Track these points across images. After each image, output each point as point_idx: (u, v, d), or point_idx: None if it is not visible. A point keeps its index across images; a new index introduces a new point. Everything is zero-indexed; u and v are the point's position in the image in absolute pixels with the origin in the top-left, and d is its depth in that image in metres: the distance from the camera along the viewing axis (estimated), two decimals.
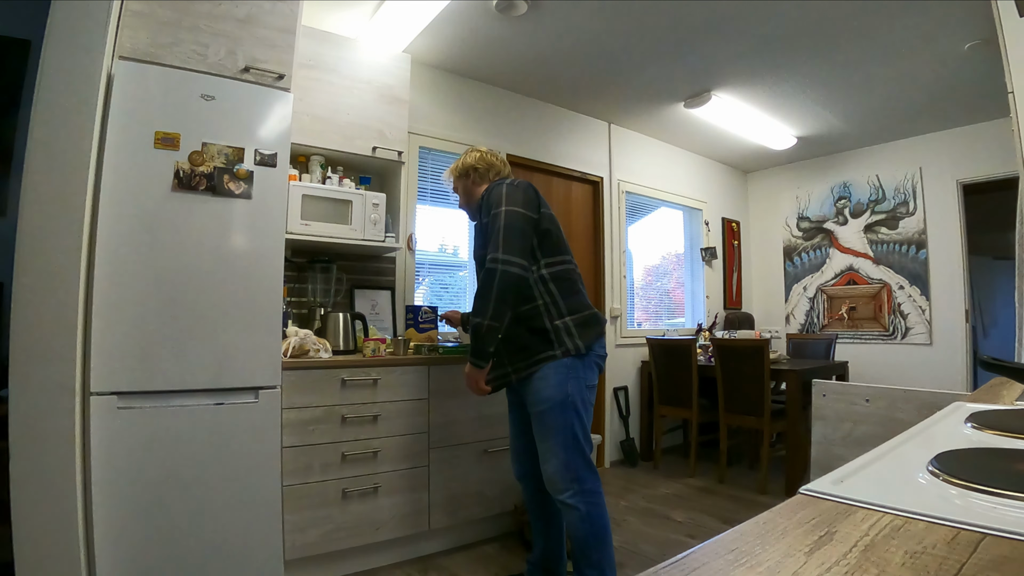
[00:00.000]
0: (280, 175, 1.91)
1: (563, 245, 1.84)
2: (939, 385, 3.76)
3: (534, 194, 1.80)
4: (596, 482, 1.71)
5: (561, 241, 1.83)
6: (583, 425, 1.72)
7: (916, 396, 1.40)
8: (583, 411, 1.72)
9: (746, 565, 0.35)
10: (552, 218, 1.84)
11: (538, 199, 1.81)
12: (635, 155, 4.24)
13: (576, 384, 1.71)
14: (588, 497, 1.68)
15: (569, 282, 1.79)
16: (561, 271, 1.79)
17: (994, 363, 0.86)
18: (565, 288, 1.77)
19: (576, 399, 1.70)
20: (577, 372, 1.71)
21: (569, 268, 1.82)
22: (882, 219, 4.39)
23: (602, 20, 2.67)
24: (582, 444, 1.70)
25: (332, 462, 2.04)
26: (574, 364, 1.71)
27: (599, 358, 1.79)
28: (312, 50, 2.39)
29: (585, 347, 1.72)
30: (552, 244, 1.80)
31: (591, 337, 1.74)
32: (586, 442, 1.72)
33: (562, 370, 1.70)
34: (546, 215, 1.81)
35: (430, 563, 2.24)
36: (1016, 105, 1.85)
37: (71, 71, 1.62)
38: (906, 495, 0.46)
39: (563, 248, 1.83)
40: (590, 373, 1.75)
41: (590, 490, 1.68)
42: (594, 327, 1.77)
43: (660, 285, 4.70)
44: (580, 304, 1.78)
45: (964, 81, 3.25)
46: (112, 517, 1.57)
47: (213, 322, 1.76)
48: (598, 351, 1.78)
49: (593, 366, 1.77)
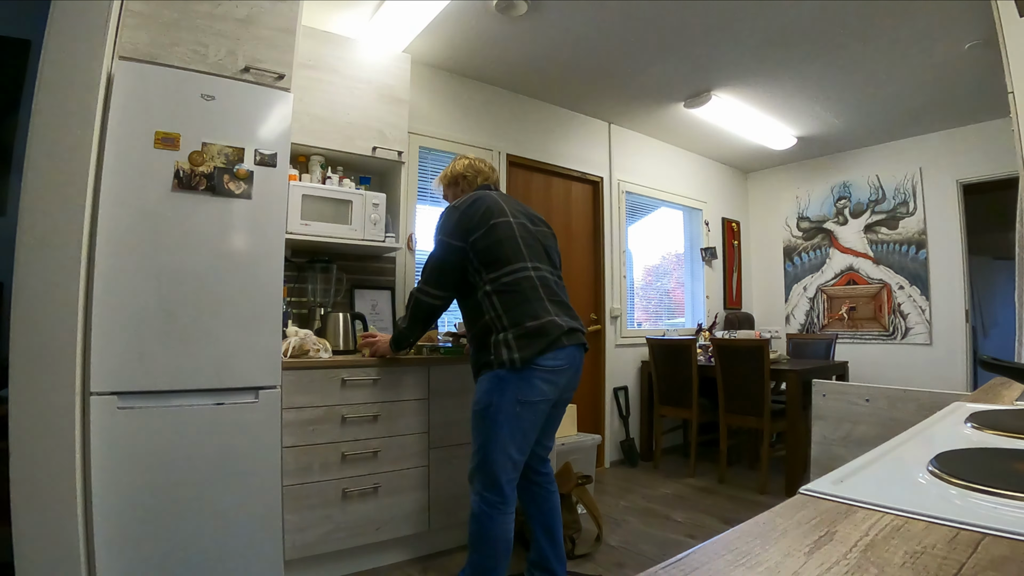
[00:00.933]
0: (280, 175, 1.91)
1: (517, 253, 1.78)
2: (939, 385, 3.76)
3: (474, 213, 1.80)
4: (496, 496, 1.68)
5: (510, 251, 1.77)
6: (501, 439, 1.67)
7: (916, 396, 1.40)
8: (506, 424, 1.67)
9: (746, 565, 0.35)
10: (504, 226, 1.80)
11: (478, 214, 1.79)
12: (635, 155, 4.24)
13: (502, 397, 1.67)
14: (482, 504, 1.69)
15: (516, 293, 1.73)
16: (508, 283, 1.74)
17: (994, 363, 0.86)
18: (510, 301, 1.72)
19: (498, 412, 1.67)
20: (508, 385, 1.67)
21: (519, 278, 1.75)
22: (882, 219, 4.39)
23: (602, 20, 2.67)
24: (494, 455, 1.67)
25: (332, 462, 2.03)
26: (507, 377, 1.67)
27: (546, 371, 1.69)
28: (312, 50, 2.39)
29: (522, 360, 1.65)
30: (502, 255, 1.76)
31: (531, 350, 1.66)
32: (501, 455, 1.67)
33: (494, 381, 1.70)
34: (496, 225, 1.78)
35: (430, 563, 2.24)
36: (1016, 105, 1.85)
37: (71, 71, 1.62)
38: (906, 495, 0.46)
39: (516, 256, 1.77)
40: (526, 387, 1.67)
41: (487, 499, 1.68)
42: (538, 339, 1.68)
43: (660, 285, 4.70)
44: (525, 315, 1.70)
45: (964, 81, 3.25)
46: (112, 517, 1.57)
47: (213, 322, 1.76)
48: (543, 363, 1.68)
49: (533, 380, 1.68)
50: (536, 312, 1.72)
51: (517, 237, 1.81)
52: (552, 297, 1.78)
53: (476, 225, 1.79)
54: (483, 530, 1.68)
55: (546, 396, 1.72)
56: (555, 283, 1.85)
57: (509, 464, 1.69)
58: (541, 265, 1.83)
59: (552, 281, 1.84)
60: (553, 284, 1.83)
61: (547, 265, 1.87)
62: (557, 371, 1.72)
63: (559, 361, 1.72)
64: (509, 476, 1.70)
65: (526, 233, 1.85)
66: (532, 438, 1.75)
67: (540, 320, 1.70)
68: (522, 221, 1.88)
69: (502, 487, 1.68)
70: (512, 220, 1.84)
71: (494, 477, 1.68)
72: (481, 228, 1.79)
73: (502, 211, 1.84)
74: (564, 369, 1.74)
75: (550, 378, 1.71)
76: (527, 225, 1.89)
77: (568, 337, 1.73)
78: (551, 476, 1.98)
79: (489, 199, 1.86)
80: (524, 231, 1.85)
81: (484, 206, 1.83)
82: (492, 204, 1.85)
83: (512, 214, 1.86)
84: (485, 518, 1.68)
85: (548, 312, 1.73)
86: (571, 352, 1.76)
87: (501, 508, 1.69)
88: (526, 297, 1.73)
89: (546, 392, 1.71)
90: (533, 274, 1.78)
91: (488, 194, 1.90)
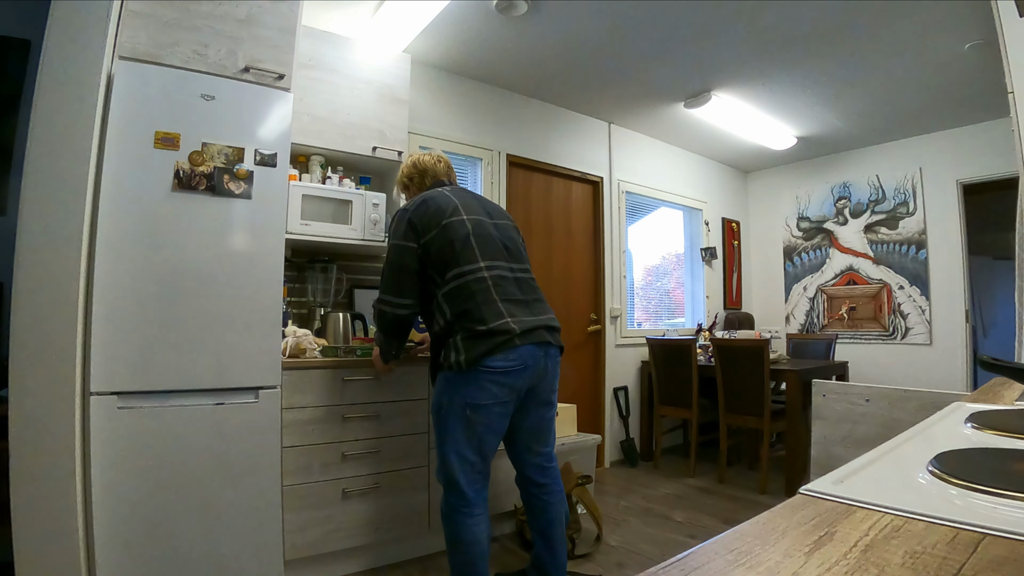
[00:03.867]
0: (280, 175, 1.91)
1: (468, 253, 1.72)
2: (939, 385, 3.76)
3: (423, 214, 1.75)
4: (457, 499, 1.67)
5: (461, 252, 1.71)
6: (454, 440, 1.66)
7: (916, 396, 1.40)
8: (458, 427, 1.65)
9: (746, 565, 0.35)
10: (457, 225, 1.74)
11: (428, 215, 1.74)
12: (635, 155, 4.24)
13: (451, 399, 1.66)
14: (446, 507, 1.69)
15: (465, 296, 1.68)
16: (457, 286, 1.69)
17: (994, 363, 0.86)
18: (459, 304, 1.68)
19: (448, 414, 1.67)
20: (456, 387, 1.66)
21: (469, 280, 1.69)
22: (882, 219, 4.39)
23: (602, 20, 2.67)
24: (449, 457, 1.67)
25: (332, 462, 2.03)
26: (455, 379, 1.66)
27: (495, 372, 1.63)
28: (312, 50, 2.39)
29: (467, 362, 1.62)
30: (451, 257, 1.71)
31: (477, 351, 1.62)
32: (455, 456, 1.66)
33: (443, 383, 1.70)
34: (448, 225, 1.73)
35: (430, 563, 2.24)
36: (1016, 105, 1.85)
37: (71, 71, 1.62)
38: (906, 495, 0.46)
39: (467, 257, 1.71)
40: (474, 390, 1.63)
41: (450, 502, 1.68)
42: (485, 341, 1.63)
43: (660, 285, 4.70)
44: (472, 318, 1.65)
45: (964, 81, 3.25)
46: (112, 517, 1.57)
47: (213, 322, 1.76)
48: (491, 365, 1.62)
49: (481, 382, 1.63)
50: (483, 315, 1.65)
51: (471, 235, 1.74)
52: (508, 296, 1.72)
53: (427, 227, 1.74)
54: (451, 533, 1.68)
55: (498, 399, 1.66)
56: (514, 280, 1.77)
57: (467, 466, 1.67)
58: (497, 263, 1.75)
59: (511, 279, 1.76)
60: (511, 282, 1.76)
61: (506, 262, 1.78)
62: (509, 372, 1.65)
63: (511, 362, 1.65)
64: (469, 478, 1.67)
65: (481, 230, 1.78)
66: (492, 441, 1.70)
67: (488, 324, 1.64)
68: (478, 217, 1.80)
69: (463, 489, 1.66)
70: (466, 217, 1.77)
71: (452, 479, 1.67)
72: (433, 230, 1.73)
73: (455, 209, 1.77)
74: (518, 370, 1.66)
75: (501, 380, 1.65)
76: (483, 221, 1.81)
77: (523, 337, 1.66)
78: (552, 487, 1.88)
79: (440, 198, 1.80)
80: (479, 228, 1.78)
81: (435, 206, 1.77)
82: (443, 203, 1.78)
83: (466, 210, 1.79)
84: (450, 521, 1.68)
85: (500, 314, 1.66)
86: (527, 351, 1.68)
87: (465, 511, 1.67)
88: (475, 300, 1.67)
89: (497, 395, 1.65)
90: (486, 274, 1.71)
91: (438, 193, 1.83)
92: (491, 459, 1.73)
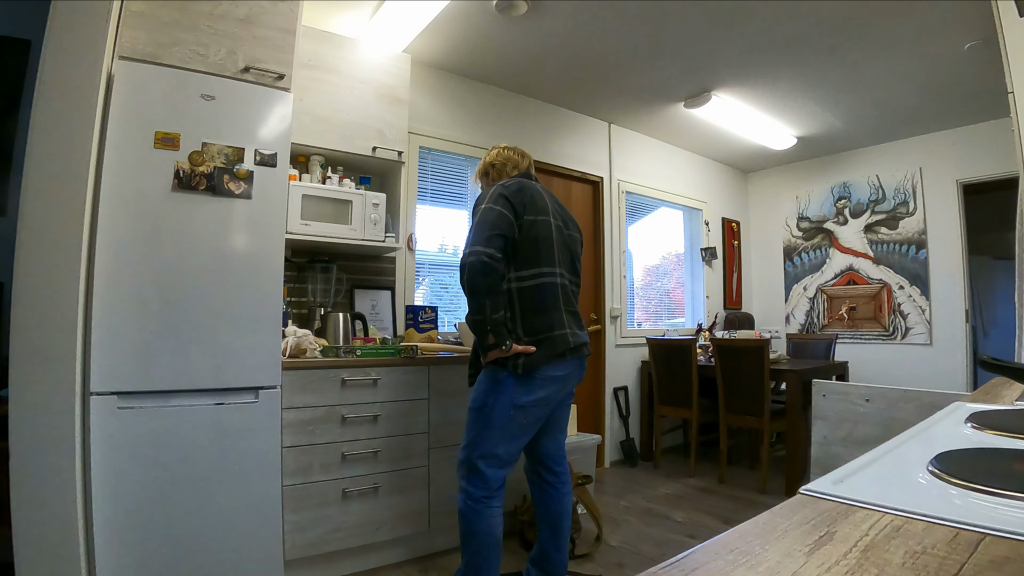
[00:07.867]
0: (280, 175, 1.91)
1: (546, 257, 1.73)
2: (939, 385, 3.76)
3: (524, 198, 1.73)
4: (483, 491, 1.68)
5: (543, 253, 1.73)
6: (491, 438, 1.68)
7: (916, 396, 1.39)
8: (499, 426, 1.68)
9: (746, 565, 0.35)
10: (544, 225, 1.75)
11: (524, 203, 1.73)
12: (635, 155, 4.24)
13: (498, 399, 1.67)
14: (468, 500, 1.69)
15: (537, 300, 1.70)
16: (535, 286, 1.71)
17: (994, 363, 0.86)
18: (529, 306, 1.70)
19: (492, 412, 1.68)
20: (505, 388, 1.67)
21: (543, 283, 1.72)
22: (882, 219, 4.39)
23: (602, 20, 2.67)
24: (481, 451, 1.68)
25: (332, 462, 2.03)
26: (507, 379, 1.67)
27: (547, 380, 1.70)
28: (312, 50, 2.39)
29: (525, 367, 1.65)
30: (531, 255, 1.71)
31: (538, 360, 1.67)
32: (488, 452, 1.68)
33: (492, 382, 1.70)
34: (537, 222, 1.73)
35: (430, 563, 2.24)
36: (1016, 105, 1.85)
37: (71, 71, 1.61)
38: (906, 495, 0.46)
39: (545, 260, 1.73)
40: (524, 392, 1.67)
41: (472, 495, 1.69)
42: (547, 349, 1.68)
43: (660, 285, 4.70)
44: (541, 325, 1.69)
45: (964, 81, 3.25)
46: (112, 517, 1.57)
47: (213, 322, 1.76)
48: (548, 373, 1.69)
49: (532, 386, 1.68)
50: (552, 323, 1.71)
51: (553, 240, 1.77)
52: (569, 308, 1.79)
53: (521, 211, 1.71)
54: (469, 526, 1.69)
55: (543, 402, 1.73)
56: (572, 292, 1.84)
57: (495, 460, 1.70)
58: (566, 273, 1.81)
59: (571, 291, 1.83)
60: (571, 294, 1.83)
61: (570, 274, 1.85)
62: (558, 379, 1.74)
63: (564, 371, 1.75)
64: (495, 471, 1.70)
65: (560, 236, 1.81)
66: (524, 440, 1.76)
67: (555, 332, 1.71)
68: (559, 223, 1.83)
69: (488, 480, 1.69)
70: (552, 220, 1.78)
71: (479, 470, 1.69)
72: (525, 217, 1.72)
73: (545, 208, 1.78)
74: (566, 377, 1.77)
75: (550, 386, 1.73)
76: (562, 228, 1.84)
77: (574, 351, 1.76)
78: (565, 477, 1.95)
79: (534, 191, 1.78)
80: (559, 234, 1.81)
81: (530, 197, 1.75)
82: (537, 198, 1.78)
83: (552, 214, 1.80)
84: (470, 512, 1.68)
85: (564, 324, 1.73)
86: (574, 363, 1.79)
87: (486, 502, 1.69)
88: (546, 305, 1.72)
89: (544, 399, 1.73)
90: (558, 280, 1.76)
91: (533, 185, 1.81)
92: (518, 456, 1.78)
